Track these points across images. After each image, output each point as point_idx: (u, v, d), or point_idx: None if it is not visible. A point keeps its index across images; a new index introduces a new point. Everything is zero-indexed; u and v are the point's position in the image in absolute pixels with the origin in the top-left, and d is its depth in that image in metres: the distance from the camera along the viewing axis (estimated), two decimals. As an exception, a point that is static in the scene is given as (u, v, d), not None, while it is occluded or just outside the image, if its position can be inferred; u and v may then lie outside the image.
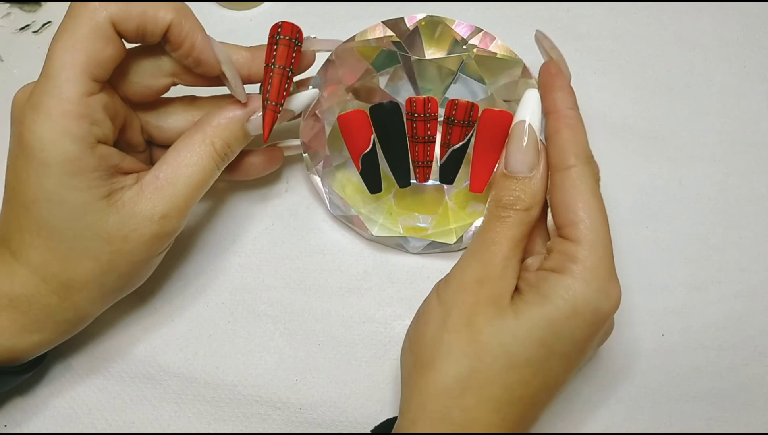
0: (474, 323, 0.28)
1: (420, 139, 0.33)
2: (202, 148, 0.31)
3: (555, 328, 0.27)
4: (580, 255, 0.28)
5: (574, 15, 0.43)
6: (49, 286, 0.30)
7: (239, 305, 0.37)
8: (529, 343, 0.27)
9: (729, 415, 0.35)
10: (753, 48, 0.42)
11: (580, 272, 0.28)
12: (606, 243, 0.29)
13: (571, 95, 0.31)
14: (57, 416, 0.35)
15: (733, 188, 0.39)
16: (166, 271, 0.37)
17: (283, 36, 0.30)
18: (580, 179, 0.29)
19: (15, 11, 0.45)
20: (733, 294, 0.37)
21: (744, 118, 0.41)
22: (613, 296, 0.28)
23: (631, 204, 0.39)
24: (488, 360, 0.27)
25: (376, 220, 0.37)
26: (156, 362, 0.36)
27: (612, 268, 0.28)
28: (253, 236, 0.38)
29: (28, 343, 0.30)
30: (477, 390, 0.27)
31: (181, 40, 0.29)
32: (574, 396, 0.36)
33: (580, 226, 0.29)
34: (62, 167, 0.27)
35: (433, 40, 0.35)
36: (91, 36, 0.27)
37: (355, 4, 0.44)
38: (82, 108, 0.27)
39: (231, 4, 0.44)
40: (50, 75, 0.27)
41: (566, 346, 0.28)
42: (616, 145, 0.40)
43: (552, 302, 0.28)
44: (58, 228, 0.28)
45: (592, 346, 0.29)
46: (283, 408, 0.35)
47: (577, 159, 0.30)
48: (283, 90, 0.31)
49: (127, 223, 0.29)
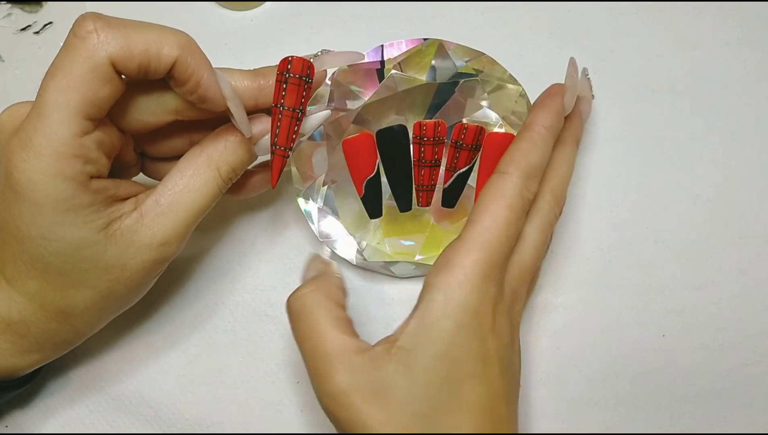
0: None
1: (427, 163, 0.32)
2: (207, 174, 0.29)
3: (448, 355, 0.27)
4: (458, 259, 0.28)
5: (574, 15, 0.43)
6: (48, 313, 0.29)
7: (239, 305, 0.37)
8: (427, 393, 0.26)
9: (729, 415, 0.35)
10: (753, 48, 0.42)
11: (457, 280, 0.27)
12: (491, 248, 0.28)
13: (553, 117, 0.31)
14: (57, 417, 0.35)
15: (733, 189, 0.39)
16: (166, 272, 0.37)
17: (293, 74, 0.28)
18: (503, 186, 0.29)
19: (16, 12, 0.45)
20: (733, 294, 0.37)
21: (744, 118, 0.41)
22: (487, 298, 0.28)
23: (631, 204, 0.39)
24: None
25: (366, 243, 0.37)
26: (156, 363, 0.36)
27: (492, 272, 0.28)
28: (253, 236, 0.38)
29: (28, 361, 0.30)
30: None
31: (187, 77, 0.27)
32: (574, 396, 0.36)
33: (476, 227, 0.29)
34: (55, 207, 0.26)
35: (426, 62, 0.35)
36: (88, 76, 0.25)
37: (355, 4, 0.43)
38: (75, 148, 0.26)
39: (231, 4, 0.44)
40: (42, 113, 0.25)
41: (468, 366, 0.27)
42: (616, 145, 0.40)
43: (435, 328, 0.27)
44: (54, 262, 0.27)
45: (500, 350, 0.28)
46: (284, 410, 0.35)
47: (515, 169, 0.29)
48: (293, 134, 0.29)
49: (126, 252, 0.28)
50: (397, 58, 0.35)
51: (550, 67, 0.36)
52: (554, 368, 0.36)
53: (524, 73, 0.36)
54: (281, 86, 0.29)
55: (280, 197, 0.39)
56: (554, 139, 0.32)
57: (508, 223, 0.29)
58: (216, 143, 0.30)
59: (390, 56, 0.35)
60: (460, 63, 0.35)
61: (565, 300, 0.37)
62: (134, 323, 0.37)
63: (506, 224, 0.29)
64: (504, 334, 0.29)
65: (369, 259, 0.36)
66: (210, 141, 0.30)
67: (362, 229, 0.37)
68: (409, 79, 0.35)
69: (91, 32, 0.25)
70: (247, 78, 0.30)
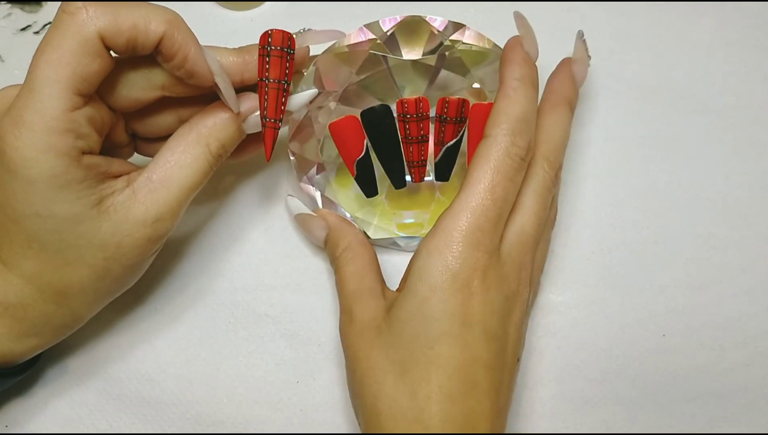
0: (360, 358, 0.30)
1: (413, 139, 0.33)
2: (197, 150, 0.30)
3: (421, 314, 0.28)
4: (443, 223, 0.29)
5: (574, 15, 0.43)
6: (45, 295, 0.29)
7: (239, 306, 0.37)
8: (402, 344, 0.28)
9: (730, 415, 0.35)
10: (753, 48, 0.42)
11: (435, 244, 0.29)
12: (476, 212, 0.29)
13: (521, 67, 0.31)
14: (57, 417, 0.35)
15: (734, 189, 0.39)
16: (166, 272, 0.37)
17: (274, 46, 0.29)
18: (487, 149, 0.30)
19: (16, 12, 0.45)
20: (734, 294, 0.37)
21: (744, 118, 0.41)
22: (470, 262, 0.29)
23: (631, 204, 0.39)
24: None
25: (370, 223, 0.37)
26: (156, 363, 0.36)
27: (475, 237, 0.29)
28: (252, 237, 0.38)
29: (26, 346, 0.30)
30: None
31: (174, 52, 0.27)
32: (574, 396, 0.36)
33: (462, 193, 0.29)
34: (48, 183, 0.26)
35: (410, 40, 0.35)
36: (78, 51, 0.26)
37: (355, 4, 0.44)
38: (66, 123, 0.26)
39: (231, 5, 0.44)
40: (33, 89, 0.26)
41: (443, 325, 0.28)
42: (616, 145, 0.40)
43: (411, 291, 0.29)
44: (50, 240, 0.28)
45: (486, 315, 0.29)
46: (284, 409, 0.35)
47: (497, 129, 0.30)
48: (281, 105, 0.30)
49: (120, 228, 0.29)
50: (382, 36, 0.35)
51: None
52: (554, 368, 0.36)
53: (524, 72, 0.36)
54: (264, 60, 0.29)
55: (281, 197, 0.39)
56: (533, 89, 0.31)
57: (493, 186, 0.29)
58: (205, 120, 0.30)
59: (374, 36, 0.35)
60: (444, 38, 0.35)
61: (565, 300, 0.37)
62: (134, 323, 0.37)
63: (491, 187, 0.29)
64: (493, 301, 0.29)
65: (373, 237, 0.37)
66: (199, 118, 0.31)
67: (365, 208, 0.37)
68: (397, 59, 0.35)
69: (80, 8, 0.26)
70: (232, 54, 0.30)
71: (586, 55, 0.35)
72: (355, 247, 0.34)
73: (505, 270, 0.30)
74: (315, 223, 0.35)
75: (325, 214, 0.36)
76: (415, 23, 0.35)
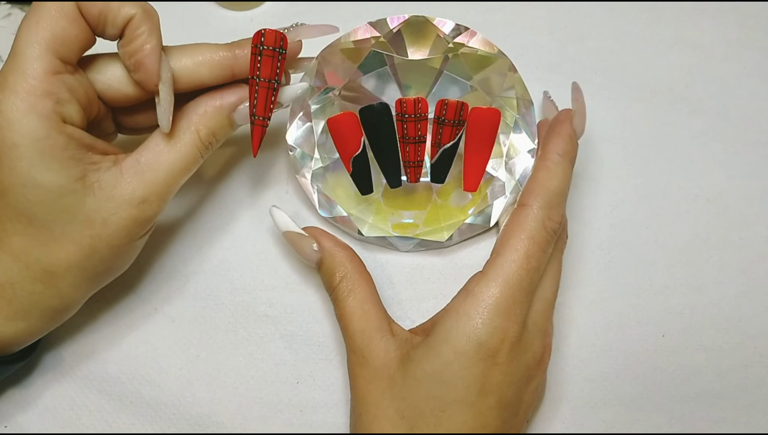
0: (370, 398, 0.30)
1: (411, 139, 0.33)
2: (187, 135, 0.31)
3: (440, 377, 0.28)
4: (477, 289, 0.29)
5: (574, 15, 0.43)
6: (32, 273, 0.29)
7: (239, 306, 0.37)
8: (416, 402, 0.29)
9: (729, 415, 0.35)
10: (753, 48, 0.42)
11: (466, 308, 0.29)
12: (510, 282, 0.29)
13: (566, 143, 0.32)
14: (57, 417, 0.35)
15: (734, 189, 0.39)
16: (165, 272, 0.37)
17: (267, 46, 0.30)
18: (524, 219, 0.30)
19: (16, 12, 0.45)
20: (733, 295, 0.37)
21: (744, 118, 0.41)
22: (499, 332, 0.29)
23: (631, 205, 0.39)
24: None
25: (365, 220, 0.37)
26: (156, 363, 0.36)
27: (508, 308, 0.29)
28: (253, 237, 0.38)
29: (15, 330, 0.30)
30: None
31: (134, 37, 0.28)
32: (575, 396, 0.36)
33: (498, 260, 0.30)
34: (31, 147, 0.27)
35: (416, 40, 0.35)
36: (56, 15, 0.27)
37: (355, 4, 0.44)
38: (47, 85, 0.27)
39: (231, 4, 0.44)
40: (16, 53, 0.27)
41: (459, 392, 0.28)
42: (616, 145, 0.40)
43: (434, 351, 0.29)
44: (36, 213, 0.28)
45: (503, 386, 0.29)
46: (284, 410, 0.35)
47: (534, 200, 0.31)
48: (270, 103, 0.31)
49: (106, 205, 0.29)
50: (388, 34, 0.35)
51: (550, 67, 0.36)
52: (554, 368, 0.36)
53: (524, 73, 0.36)
54: (256, 58, 0.30)
55: (281, 199, 0.39)
56: (571, 165, 0.32)
57: (528, 256, 0.30)
58: (196, 107, 0.31)
59: (379, 33, 0.35)
60: (448, 40, 0.35)
61: (565, 300, 0.37)
62: (134, 323, 0.37)
63: (526, 257, 0.30)
64: (514, 371, 0.30)
65: (367, 235, 0.37)
66: (190, 106, 0.31)
67: (361, 205, 0.37)
68: (400, 58, 0.35)
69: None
70: (223, 49, 0.31)
71: (584, 109, 0.35)
72: (353, 277, 0.33)
73: (531, 338, 0.30)
74: (305, 244, 0.34)
75: (318, 236, 0.34)
76: (421, 23, 0.35)
